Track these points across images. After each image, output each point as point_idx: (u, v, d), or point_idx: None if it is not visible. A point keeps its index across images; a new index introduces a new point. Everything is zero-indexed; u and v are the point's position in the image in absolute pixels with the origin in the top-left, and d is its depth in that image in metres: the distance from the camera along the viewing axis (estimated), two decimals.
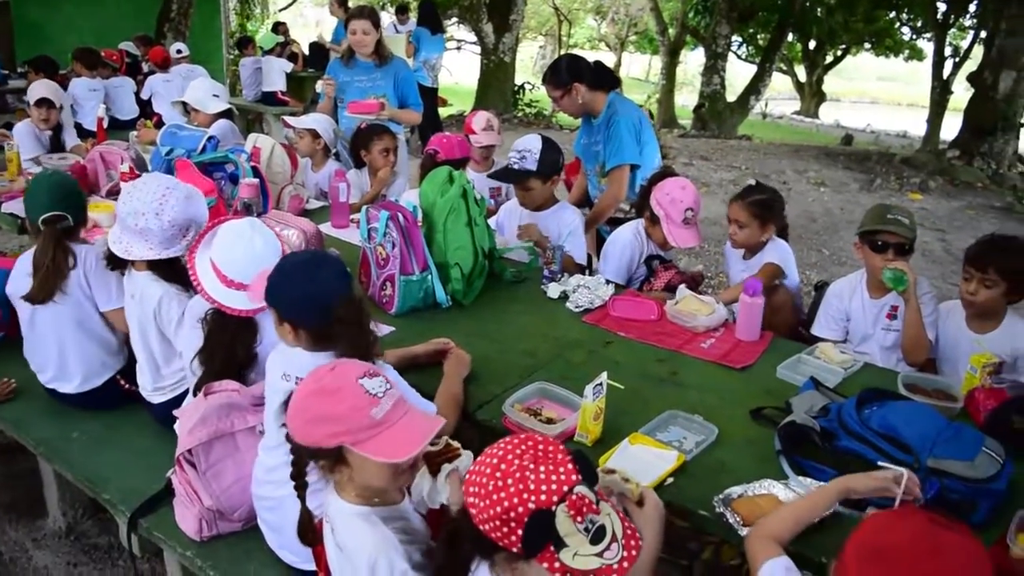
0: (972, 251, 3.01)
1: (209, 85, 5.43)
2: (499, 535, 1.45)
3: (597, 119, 4.27)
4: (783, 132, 19.58)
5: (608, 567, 1.44)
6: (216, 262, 2.44)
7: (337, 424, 1.70)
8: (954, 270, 7.64)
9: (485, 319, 3.15)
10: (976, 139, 12.59)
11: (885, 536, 1.40)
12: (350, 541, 1.78)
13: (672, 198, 3.64)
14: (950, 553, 1.34)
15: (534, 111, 16.12)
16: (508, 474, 1.45)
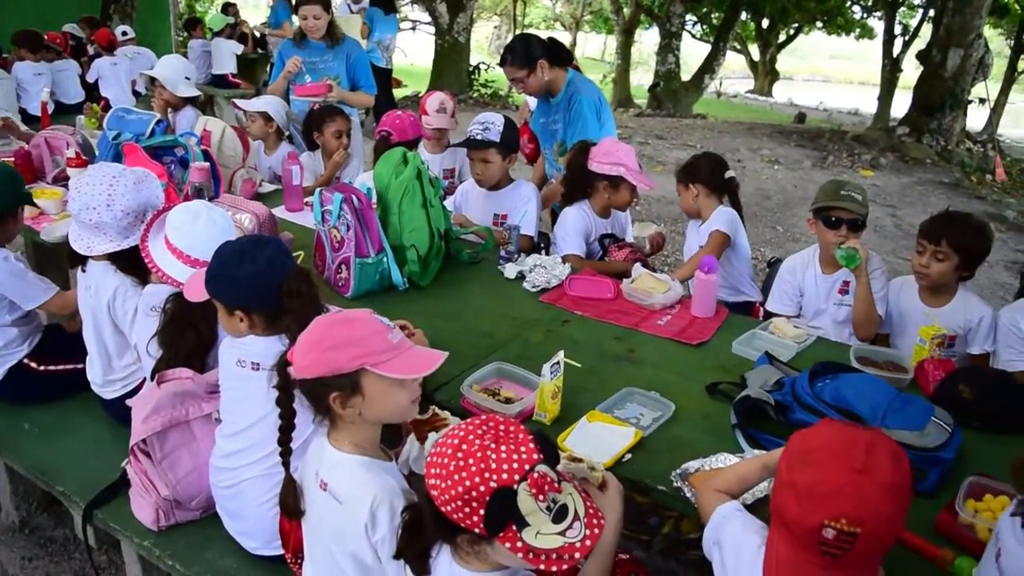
0: (926, 224, 3.06)
1: (182, 66, 5.22)
2: (461, 516, 1.45)
3: (556, 97, 4.25)
4: (737, 110, 19.76)
5: (571, 545, 1.45)
6: (176, 244, 2.41)
7: (359, 347, 1.72)
8: (905, 245, 7.79)
9: (442, 300, 3.15)
10: (925, 116, 12.81)
11: (809, 441, 1.47)
12: (352, 489, 1.77)
13: (621, 151, 3.62)
14: (863, 441, 1.41)
15: (490, 91, 16.06)
16: (469, 454, 1.45)
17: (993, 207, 9.63)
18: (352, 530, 1.75)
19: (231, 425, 2.19)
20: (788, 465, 1.46)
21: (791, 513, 1.42)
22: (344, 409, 1.76)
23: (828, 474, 1.39)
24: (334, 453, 1.82)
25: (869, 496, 1.36)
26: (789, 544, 1.44)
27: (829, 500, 1.37)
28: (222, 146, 4.25)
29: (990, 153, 12.85)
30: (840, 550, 1.37)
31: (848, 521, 1.35)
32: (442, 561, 1.62)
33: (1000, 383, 2.54)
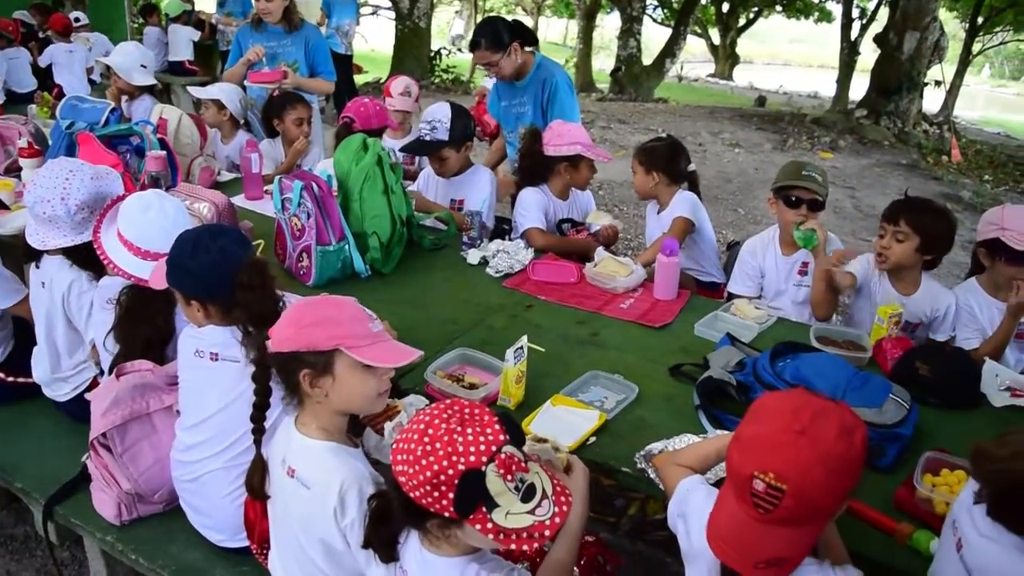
0: (887, 208, 3.06)
1: (139, 54, 5.12)
2: (430, 500, 1.45)
3: (523, 80, 4.22)
4: (698, 94, 19.84)
5: (540, 523, 1.46)
6: (127, 236, 2.37)
7: (338, 327, 1.75)
8: (864, 226, 7.90)
9: (405, 287, 3.13)
10: (882, 99, 12.97)
11: (767, 400, 1.55)
12: (320, 474, 1.77)
13: (575, 131, 3.62)
14: (812, 408, 1.44)
15: (451, 77, 15.97)
16: (436, 439, 1.45)
17: (949, 188, 9.79)
18: (321, 516, 1.75)
19: (190, 417, 2.17)
20: (743, 421, 1.53)
21: (733, 462, 1.48)
22: (312, 388, 1.76)
23: (768, 430, 1.43)
24: (301, 439, 1.82)
25: (801, 457, 1.38)
26: (732, 494, 1.49)
27: (762, 453, 1.41)
28: (179, 134, 4.19)
29: (946, 135, 13.05)
30: (769, 504, 1.40)
31: (775, 476, 1.38)
32: (411, 547, 1.62)
33: (956, 360, 2.59)
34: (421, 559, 1.60)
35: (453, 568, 1.57)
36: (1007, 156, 12.82)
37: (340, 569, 1.81)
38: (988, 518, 1.49)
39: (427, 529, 1.54)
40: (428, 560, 1.59)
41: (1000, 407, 2.44)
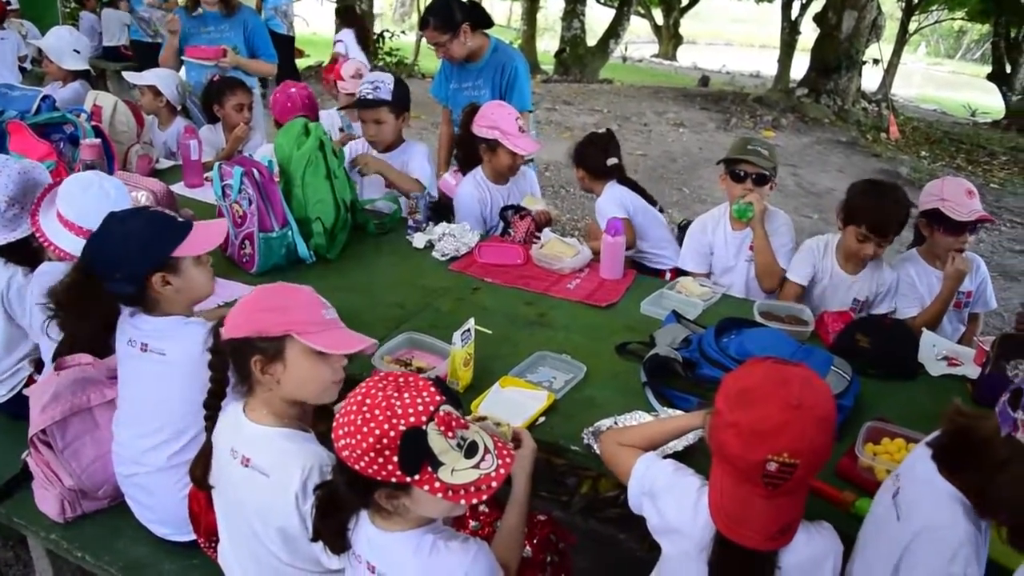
0: (868, 213, 2.95)
1: (72, 39, 4.97)
2: (376, 468, 1.45)
3: (477, 63, 4.17)
4: (643, 75, 19.93)
5: (487, 476, 1.48)
6: (68, 216, 2.33)
7: (292, 313, 1.76)
8: (806, 203, 8.04)
9: (351, 273, 3.10)
10: (822, 77, 13.15)
11: (743, 381, 1.56)
12: (279, 460, 1.76)
13: (497, 115, 3.56)
14: (795, 378, 1.51)
15: (395, 60, 15.81)
16: (375, 405, 1.46)
17: (888, 164, 9.99)
18: (281, 503, 1.73)
19: (127, 411, 2.14)
20: (728, 406, 1.53)
21: (735, 450, 1.50)
22: (264, 375, 1.76)
23: (768, 412, 1.47)
24: (253, 427, 1.80)
25: (806, 429, 1.46)
26: (733, 478, 1.53)
27: (771, 436, 1.45)
28: (114, 121, 4.08)
29: (884, 112, 13.31)
30: (782, 480, 1.47)
31: (789, 454, 1.45)
32: (361, 531, 1.62)
33: (895, 332, 2.64)
34: (373, 540, 1.60)
35: (408, 541, 1.57)
36: (943, 132, 13.14)
37: (298, 557, 1.80)
38: (929, 466, 1.57)
39: (376, 504, 1.54)
40: (380, 540, 1.59)
41: (937, 376, 2.51)
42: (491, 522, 2.04)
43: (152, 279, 2.03)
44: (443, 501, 1.46)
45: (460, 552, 1.55)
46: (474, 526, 2.06)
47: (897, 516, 1.59)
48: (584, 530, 3.07)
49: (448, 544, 1.56)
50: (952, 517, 1.50)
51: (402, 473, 1.44)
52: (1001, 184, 9.82)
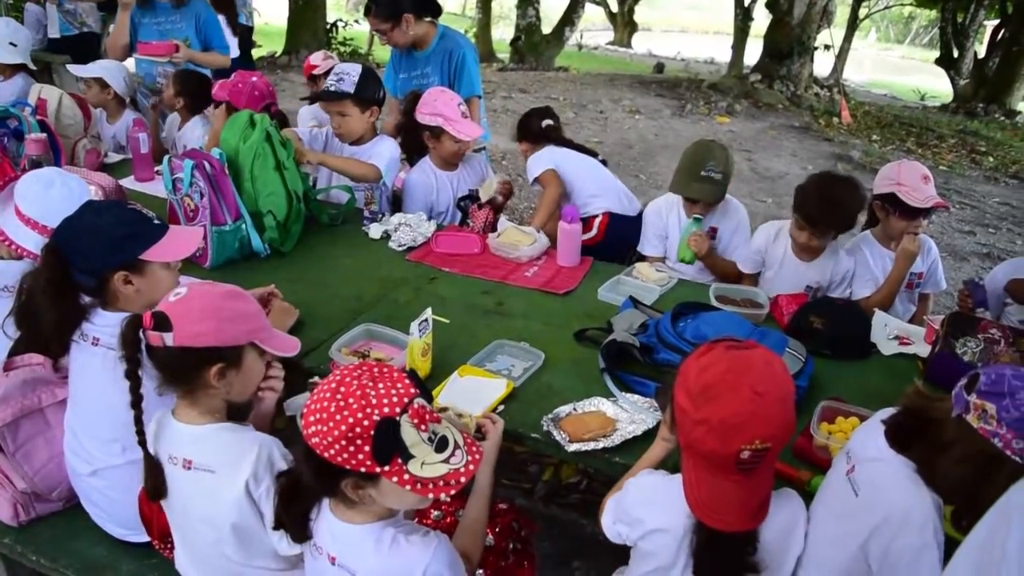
0: (810, 204, 2.99)
1: (9, 31, 4.82)
2: (346, 456, 1.44)
3: (424, 51, 4.15)
4: (598, 62, 19.95)
5: (455, 471, 1.48)
6: (29, 214, 2.29)
7: (252, 322, 1.80)
8: (761, 188, 8.12)
9: (307, 265, 3.07)
10: (775, 63, 13.30)
11: (704, 376, 1.56)
12: (226, 454, 1.76)
13: (439, 101, 3.55)
14: (755, 364, 1.55)
15: (349, 49, 15.65)
16: (349, 394, 1.45)
17: (840, 148, 10.13)
18: (231, 496, 1.72)
19: (78, 408, 2.10)
20: (694, 404, 1.55)
21: (709, 445, 1.53)
22: (219, 382, 1.74)
23: (736, 406, 1.50)
24: (188, 429, 1.78)
25: (772, 414, 1.52)
26: (707, 470, 1.57)
27: (743, 428, 1.49)
28: (60, 115, 3.98)
29: (836, 97, 13.50)
30: (755, 464, 1.52)
31: (761, 440, 1.49)
32: (323, 522, 1.61)
33: (847, 312, 2.69)
34: (335, 532, 1.59)
35: (368, 534, 1.56)
36: (893, 116, 13.36)
37: (255, 555, 1.79)
38: (880, 444, 1.61)
39: (341, 493, 1.53)
40: (342, 532, 1.58)
41: (889, 355, 2.56)
42: (453, 511, 2.04)
43: (114, 277, 2.01)
44: (410, 494, 1.46)
45: (420, 546, 1.55)
46: (436, 515, 2.06)
47: (855, 492, 1.61)
48: (547, 517, 3.09)
49: (408, 538, 1.56)
50: (914, 491, 1.53)
51: (373, 463, 1.43)
52: (949, 167, 10.01)
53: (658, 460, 1.86)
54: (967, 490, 1.49)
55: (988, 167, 10.25)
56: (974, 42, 16.85)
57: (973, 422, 1.46)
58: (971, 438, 1.46)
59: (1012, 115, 14.84)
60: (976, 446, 1.45)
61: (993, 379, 1.46)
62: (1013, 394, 1.42)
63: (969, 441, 1.46)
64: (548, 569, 2.78)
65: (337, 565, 1.59)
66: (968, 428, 1.46)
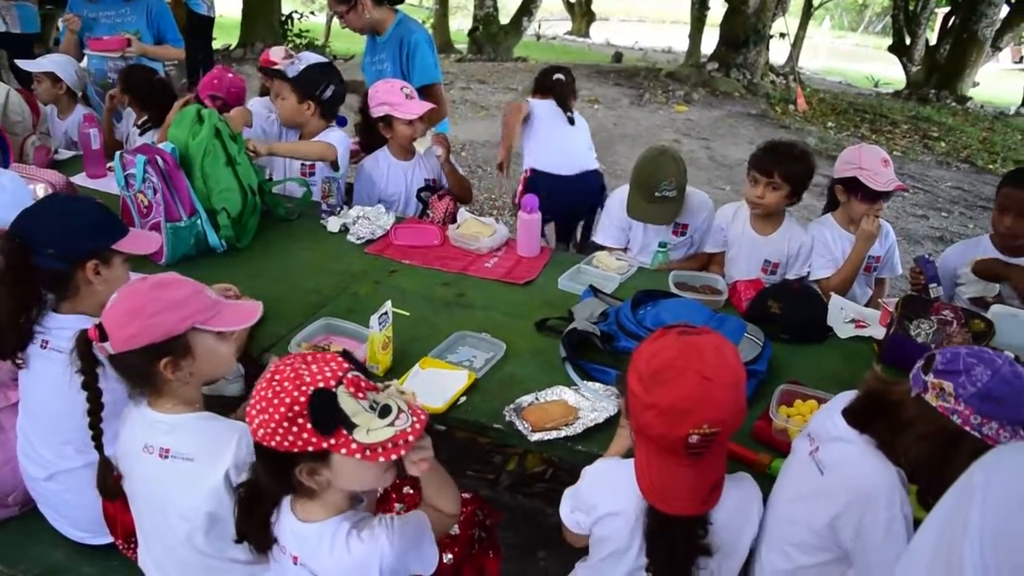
0: (758, 156, 3.17)
1: None
2: (292, 438, 1.44)
3: (382, 37, 4.15)
4: (557, 52, 19.96)
5: (402, 432, 1.47)
6: None
7: (186, 307, 1.73)
8: (719, 175, 8.19)
9: (265, 260, 3.04)
10: (732, 51, 13.41)
11: (655, 361, 1.57)
12: (204, 441, 1.75)
13: (382, 91, 3.54)
14: (705, 349, 1.55)
15: (305, 41, 15.49)
16: (283, 379, 1.46)
17: (796, 135, 10.24)
18: (209, 485, 1.70)
19: (27, 413, 2.07)
20: (644, 388, 1.55)
21: (658, 430, 1.54)
22: (175, 373, 1.73)
23: (684, 390, 1.51)
24: (166, 418, 1.77)
25: (722, 398, 1.53)
26: (658, 454, 1.57)
27: (691, 412, 1.50)
28: (7, 112, 3.89)
29: (792, 85, 13.65)
30: (704, 448, 1.52)
31: (709, 424, 1.50)
32: (284, 522, 1.61)
33: (804, 297, 2.72)
34: (296, 531, 1.59)
35: (326, 531, 1.56)
36: (848, 103, 13.55)
37: (227, 546, 1.76)
38: (841, 424, 1.64)
39: (299, 487, 1.53)
40: (302, 531, 1.58)
41: (846, 338, 2.60)
42: (416, 503, 2.03)
43: (87, 264, 1.99)
44: (362, 464, 1.45)
45: (372, 542, 1.55)
46: (400, 508, 2.05)
47: (820, 472, 1.64)
48: (512, 507, 3.09)
49: (360, 535, 1.56)
50: (879, 467, 1.56)
51: (319, 438, 1.43)
52: (903, 152, 10.18)
53: (624, 449, 1.85)
54: (929, 467, 1.52)
55: (940, 152, 10.44)
56: (925, 29, 17.14)
57: (932, 401, 1.50)
58: (930, 416, 1.50)
59: (963, 101, 15.12)
60: (936, 424, 1.49)
61: (949, 358, 1.50)
62: (968, 371, 1.47)
63: (929, 419, 1.50)
64: (514, 559, 2.78)
65: (299, 565, 1.58)
66: (927, 407, 1.50)
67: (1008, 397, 1.44)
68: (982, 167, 9.84)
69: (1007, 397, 1.44)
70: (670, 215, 3.25)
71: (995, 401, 1.44)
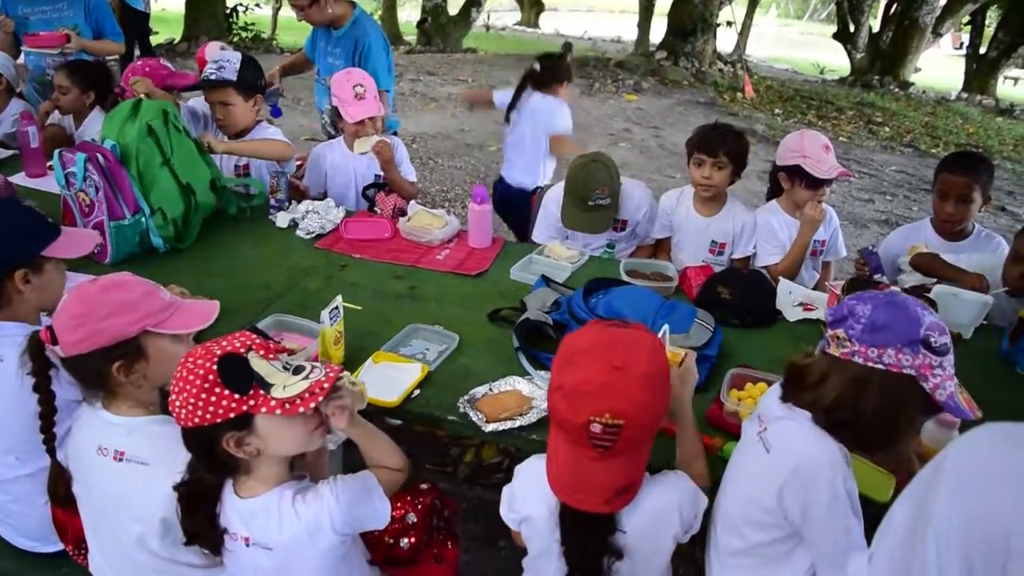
0: (700, 139, 3.22)
1: None
2: (212, 410, 1.45)
3: (339, 31, 4.12)
4: (506, 43, 19.93)
5: (318, 381, 1.50)
6: None
7: (137, 310, 1.70)
8: (668, 163, 8.25)
9: (213, 257, 2.99)
10: (680, 40, 13.52)
11: (574, 344, 1.58)
12: (158, 445, 1.71)
13: (335, 85, 3.51)
14: (622, 340, 1.56)
15: (251, 35, 15.27)
16: (196, 356, 1.48)
17: (744, 122, 10.35)
18: (166, 489, 1.66)
19: None
20: (558, 368, 1.57)
21: (562, 412, 1.53)
22: (129, 376, 1.70)
23: (591, 374, 1.50)
24: (122, 421, 1.74)
25: (628, 389, 1.49)
26: (566, 442, 1.56)
27: (593, 398, 1.48)
28: None
29: (739, 73, 13.80)
30: (609, 441, 1.50)
31: (611, 414, 1.47)
32: (229, 509, 1.61)
33: (753, 282, 2.76)
34: (241, 511, 1.60)
35: (270, 501, 1.58)
36: (794, 90, 13.74)
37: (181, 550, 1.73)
38: (778, 402, 1.68)
39: (231, 459, 1.54)
40: (246, 508, 1.59)
41: (794, 321, 2.64)
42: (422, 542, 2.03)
43: (15, 274, 1.94)
44: (286, 421, 1.48)
45: (320, 498, 1.58)
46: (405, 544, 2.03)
47: (767, 450, 1.66)
48: (471, 498, 3.09)
49: (306, 496, 1.59)
50: (820, 442, 1.58)
51: (236, 401, 1.45)
52: (849, 138, 10.36)
53: None
54: (851, 416, 1.55)
55: (884, 137, 10.64)
56: (869, 16, 17.43)
57: (835, 352, 1.56)
58: (839, 365, 1.56)
59: (905, 86, 15.43)
60: (843, 371, 1.55)
61: (835, 309, 1.59)
62: (852, 313, 1.54)
63: (838, 368, 1.56)
64: (474, 549, 2.79)
65: (252, 545, 1.59)
66: (832, 359, 1.57)
67: (892, 322, 1.51)
68: (925, 151, 10.05)
69: (891, 323, 1.51)
70: (605, 224, 3.22)
71: (882, 330, 1.50)
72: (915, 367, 1.50)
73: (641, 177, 7.44)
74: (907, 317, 1.51)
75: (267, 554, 1.60)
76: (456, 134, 8.82)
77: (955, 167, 2.97)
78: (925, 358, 1.50)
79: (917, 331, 1.50)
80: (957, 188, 2.93)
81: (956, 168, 2.96)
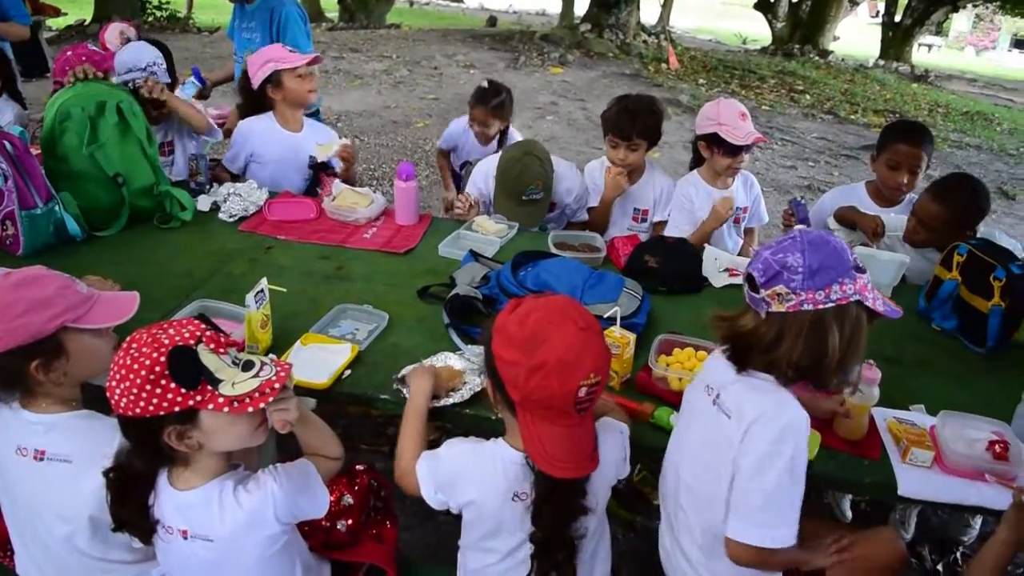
0: (611, 120, 3.21)
1: None
2: (156, 401, 1.41)
3: (252, 3, 4.07)
4: (431, 18, 19.76)
5: (268, 380, 1.48)
6: None
7: (53, 305, 1.64)
8: (596, 136, 8.26)
9: (132, 244, 2.90)
10: (604, 12, 13.56)
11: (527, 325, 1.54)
12: (80, 441, 1.67)
13: (261, 54, 3.45)
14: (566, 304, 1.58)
15: (166, 14, 14.83)
16: (141, 345, 1.44)
17: (669, 93, 10.46)
18: (89, 486, 1.63)
19: None
20: (525, 352, 1.51)
21: (551, 389, 1.50)
22: (48, 375, 1.65)
23: (568, 341, 1.50)
24: (41, 419, 1.69)
25: (599, 345, 1.57)
26: (549, 420, 1.55)
27: (578, 364, 1.50)
28: None
29: (663, 44, 13.92)
30: (589, 402, 1.53)
31: (594, 373, 1.51)
32: (164, 500, 1.58)
33: (679, 250, 2.80)
34: (178, 503, 1.56)
35: (211, 493, 1.55)
36: (718, 60, 13.91)
37: (110, 546, 1.72)
38: (730, 368, 1.70)
39: (171, 453, 1.50)
40: (184, 500, 1.56)
41: (720, 287, 2.68)
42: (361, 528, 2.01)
43: None
44: (232, 419, 1.45)
45: (262, 487, 1.56)
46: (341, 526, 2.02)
47: (727, 416, 1.67)
48: None
49: (248, 486, 1.56)
50: (779, 401, 1.61)
51: (183, 395, 1.42)
52: (771, 106, 10.54)
53: None
54: (817, 358, 1.57)
55: (806, 104, 10.86)
56: None
57: (780, 308, 1.57)
58: (788, 321, 1.57)
59: (825, 55, 15.76)
60: (797, 323, 1.57)
61: (762, 268, 1.59)
62: (786, 266, 1.56)
63: (790, 323, 1.57)
64: (414, 527, 2.79)
65: (191, 538, 1.56)
66: (780, 316, 1.58)
67: (826, 260, 1.55)
68: (844, 117, 10.30)
69: (826, 261, 1.55)
70: (539, 216, 3.23)
71: (821, 271, 1.54)
72: (857, 291, 1.55)
73: (569, 150, 7.49)
74: (835, 250, 1.57)
75: (207, 546, 1.56)
76: (382, 111, 8.72)
77: (908, 138, 3.04)
78: (859, 280, 1.56)
79: (849, 259, 1.56)
80: (910, 159, 3.02)
81: (909, 139, 3.04)
